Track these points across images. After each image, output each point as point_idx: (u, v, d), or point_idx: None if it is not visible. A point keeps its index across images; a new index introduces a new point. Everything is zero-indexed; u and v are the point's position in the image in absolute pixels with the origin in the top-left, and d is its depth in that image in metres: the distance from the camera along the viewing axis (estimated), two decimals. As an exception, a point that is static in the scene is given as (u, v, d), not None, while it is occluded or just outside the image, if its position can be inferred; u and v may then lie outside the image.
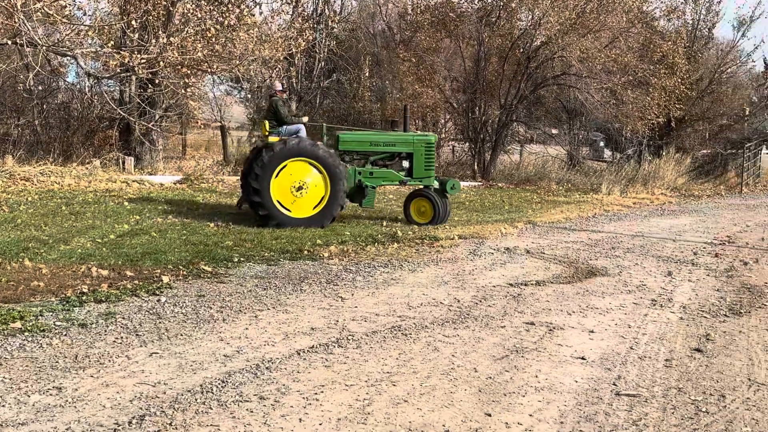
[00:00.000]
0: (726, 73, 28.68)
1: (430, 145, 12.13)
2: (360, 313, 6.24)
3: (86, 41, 15.87)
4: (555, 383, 4.65)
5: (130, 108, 17.95)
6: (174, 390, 4.29)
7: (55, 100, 20.98)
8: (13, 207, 11.28)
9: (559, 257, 9.34)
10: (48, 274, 7.02)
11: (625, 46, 21.51)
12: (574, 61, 20.27)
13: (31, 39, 13.39)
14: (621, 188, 20.27)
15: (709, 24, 28.20)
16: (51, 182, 14.78)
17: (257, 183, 10.76)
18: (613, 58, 20.61)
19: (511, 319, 6.19)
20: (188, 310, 6.05)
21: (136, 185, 15.49)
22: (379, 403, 4.22)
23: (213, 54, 15.36)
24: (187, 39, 14.86)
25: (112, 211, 11.51)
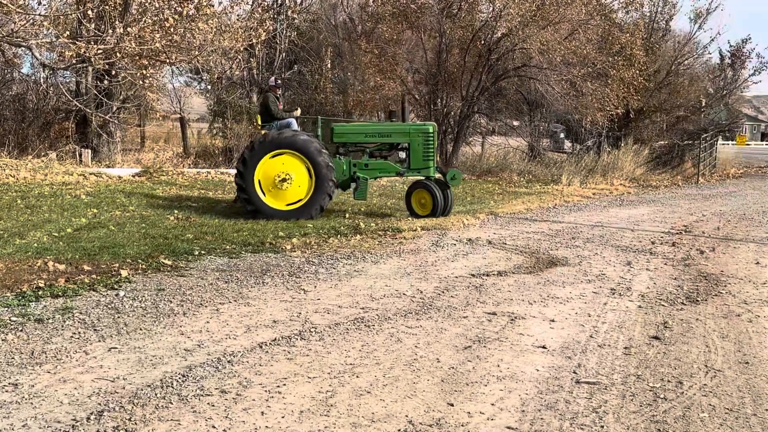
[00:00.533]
0: (683, 65, 29.16)
1: (429, 136, 11.84)
2: (323, 305, 6.22)
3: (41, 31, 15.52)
4: (516, 372, 4.69)
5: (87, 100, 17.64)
6: (133, 385, 4.24)
7: (10, 91, 20.56)
8: (-35, 201, 11.03)
9: (521, 248, 9.42)
10: (3, 269, 6.88)
11: (584, 38, 21.71)
12: (535, 53, 20.40)
13: (-17, 29, 13.05)
14: (581, 179, 20.51)
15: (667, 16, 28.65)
16: (6, 175, 14.47)
17: (243, 169, 11.02)
18: (573, 50, 20.80)
19: (474, 309, 6.23)
20: (148, 305, 5.97)
21: (94, 178, 15.24)
22: (341, 395, 4.21)
23: (171, 44, 15.14)
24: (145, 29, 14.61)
25: (69, 204, 11.31)
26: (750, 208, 15.04)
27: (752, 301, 6.80)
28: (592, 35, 22.13)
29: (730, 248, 9.84)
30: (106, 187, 13.78)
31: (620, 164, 23.23)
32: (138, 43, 14.37)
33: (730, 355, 5.16)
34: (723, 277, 7.87)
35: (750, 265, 8.66)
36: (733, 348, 5.34)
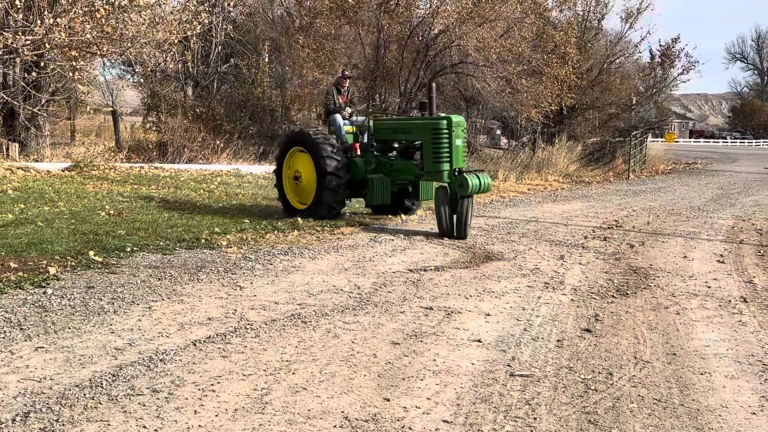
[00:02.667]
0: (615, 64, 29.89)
1: (438, 132, 10.03)
2: (259, 301, 6.15)
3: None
4: (452, 366, 4.72)
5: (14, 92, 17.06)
6: (61, 385, 4.11)
7: (-70, 82, 19.71)
8: None
9: (457, 243, 9.50)
10: None
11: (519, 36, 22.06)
12: (471, 50, 20.62)
13: None
14: (516, 175, 20.82)
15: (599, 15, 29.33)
16: (-74, 170, 13.89)
17: (277, 166, 11.44)
18: (508, 48, 21.10)
19: (411, 304, 6.25)
20: (77, 303, 5.81)
21: (21, 173, 14.75)
22: (277, 392, 4.17)
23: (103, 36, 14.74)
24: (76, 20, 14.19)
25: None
26: (678, 204, 15.51)
27: (680, 294, 7.01)
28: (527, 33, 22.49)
29: (659, 242, 10.12)
30: (34, 182, 13.35)
31: (554, 160, 23.68)
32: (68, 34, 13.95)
33: (658, 347, 5.31)
34: (652, 271, 8.09)
35: (678, 258, 8.93)
36: (661, 340, 5.49)
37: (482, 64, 21.22)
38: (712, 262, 8.80)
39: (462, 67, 22.21)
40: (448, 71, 22.78)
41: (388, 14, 21.78)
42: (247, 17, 26.15)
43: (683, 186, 20.85)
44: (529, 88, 22.06)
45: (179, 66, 23.35)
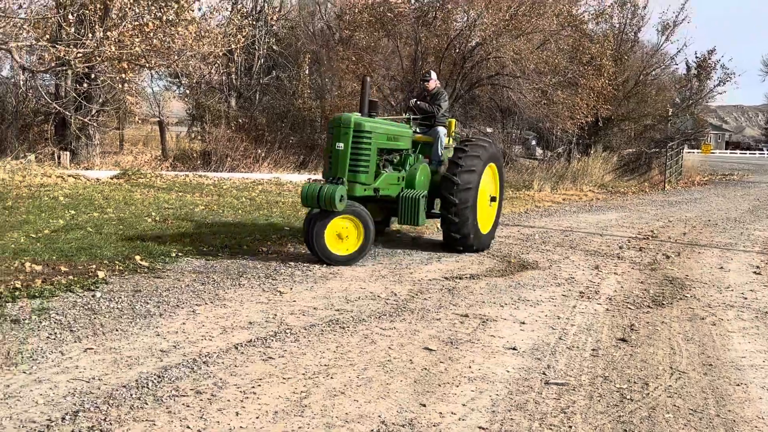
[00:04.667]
0: (651, 76, 29.50)
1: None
2: (298, 306, 6.18)
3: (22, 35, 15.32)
4: (488, 373, 4.69)
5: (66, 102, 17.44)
6: (109, 385, 4.17)
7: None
8: (-58, 202, 10.84)
9: (493, 251, 9.45)
10: (-21, 270, 6.76)
11: (555, 48, 21.91)
12: (508, 61, 20.54)
13: (-38, 31, 12.86)
14: (551, 185, 20.66)
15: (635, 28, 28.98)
16: (-17, 177, 14.25)
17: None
18: (545, 60, 20.97)
19: (446, 311, 6.23)
20: (124, 306, 5.90)
21: (72, 180, 15.06)
22: (316, 396, 4.18)
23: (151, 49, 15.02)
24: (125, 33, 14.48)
25: (47, 206, 11.16)
26: (714, 215, 15.23)
27: (716, 305, 6.88)
28: (563, 45, 22.34)
29: (695, 253, 9.95)
30: (84, 189, 13.62)
31: (590, 171, 23.45)
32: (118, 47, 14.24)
33: (694, 357, 5.21)
34: (688, 282, 7.95)
35: (714, 269, 8.77)
36: (697, 350, 5.40)
37: (518, 75, 21.12)
38: (749, 273, 8.62)
39: (498, 78, 22.13)
40: (484, 82, 22.71)
41: (425, 27, 21.81)
42: (289, 31, 26.40)
43: (719, 197, 20.47)
44: (564, 99, 21.88)
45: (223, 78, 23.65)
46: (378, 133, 8.43)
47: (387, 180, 8.72)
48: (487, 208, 9.62)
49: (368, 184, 8.36)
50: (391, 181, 8.81)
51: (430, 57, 22.45)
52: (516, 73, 21.02)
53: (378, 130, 8.44)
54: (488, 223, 9.66)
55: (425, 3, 22.42)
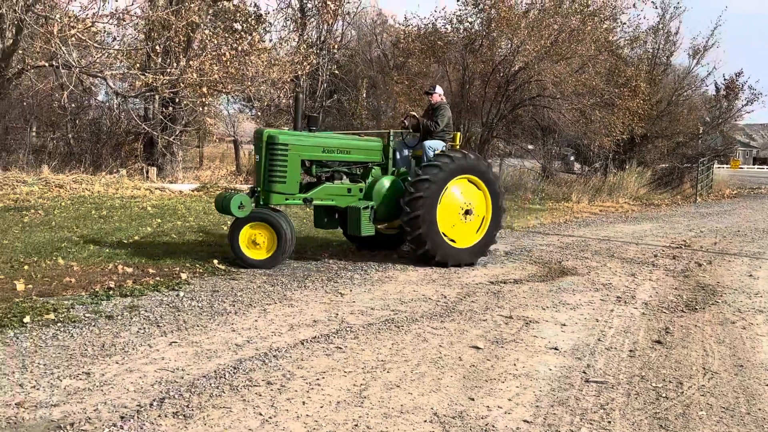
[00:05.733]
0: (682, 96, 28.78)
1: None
2: (357, 307, 6.20)
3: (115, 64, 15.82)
4: (531, 371, 4.62)
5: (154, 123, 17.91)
6: (191, 375, 4.25)
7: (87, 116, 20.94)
8: (48, 211, 11.22)
9: (535, 258, 9.32)
10: (79, 271, 6.97)
11: (593, 71, 21.57)
12: (548, 84, 20.30)
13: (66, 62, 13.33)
14: (589, 197, 20.30)
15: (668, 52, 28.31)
16: (82, 189, 14.71)
17: None
18: (583, 82, 20.66)
19: (492, 313, 6.17)
20: (204, 304, 6.00)
21: (158, 192, 15.44)
22: (374, 388, 4.19)
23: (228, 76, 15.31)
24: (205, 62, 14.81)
25: (137, 215, 11.46)
26: (743, 226, 14.73)
27: (746, 310, 6.65)
28: (600, 68, 21.98)
29: (726, 261, 9.64)
30: (168, 201, 13.95)
31: (625, 184, 22.96)
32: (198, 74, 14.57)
33: (725, 359, 5.05)
34: (719, 288, 7.71)
35: (743, 277, 8.48)
36: (728, 352, 5.22)
37: (558, 97, 20.85)
38: (779, 281, 8.31)
39: (539, 99, 21.88)
40: (526, 103, 22.48)
41: (472, 54, 21.72)
42: (349, 58, 26.62)
43: (748, 209, 19.80)
44: (601, 118, 21.50)
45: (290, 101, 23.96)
46: (302, 145, 8.09)
47: (327, 191, 8.30)
48: (460, 222, 8.50)
49: (287, 193, 8.03)
50: (337, 192, 8.35)
51: (477, 81, 22.36)
52: (556, 94, 20.76)
53: (302, 143, 8.10)
54: (466, 238, 8.55)
55: (472, 32, 22.34)
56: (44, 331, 4.95)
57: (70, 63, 13.43)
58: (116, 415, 3.62)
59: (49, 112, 20.27)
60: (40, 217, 10.51)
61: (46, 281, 6.46)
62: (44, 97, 19.80)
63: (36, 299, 5.74)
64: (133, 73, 14.56)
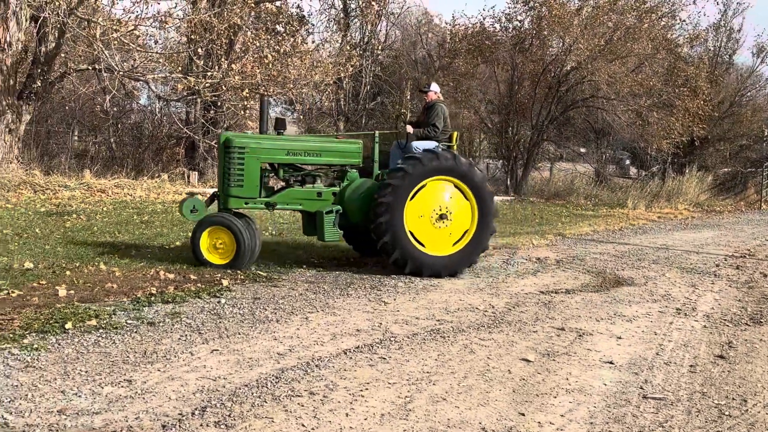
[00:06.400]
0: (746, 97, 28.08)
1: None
2: (401, 316, 6.20)
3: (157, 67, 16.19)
4: (585, 386, 4.55)
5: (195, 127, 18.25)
6: (232, 384, 4.31)
7: (129, 120, 21.44)
8: (90, 216, 11.52)
9: (588, 267, 9.19)
10: (120, 277, 7.13)
11: (650, 70, 21.22)
12: (602, 84, 20.04)
13: (108, 65, 13.71)
14: (646, 203, 19.92)
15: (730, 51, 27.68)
16: (124, 194, 15.06)
17: None
18: (639, 82, 20.34)
19: (543, 324, 6.10)
20: (245, 311, 6.08)
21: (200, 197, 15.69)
22: (419, 401, 4.18)
23: (269, 78, 15.53)
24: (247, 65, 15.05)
25: (179, 220, 11.67)
26: (814, 234, 14.27)
27: (818, 325, 6.42)
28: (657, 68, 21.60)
29: (795, 272, 9.34)
30: (209, 205, 14.16)
31: (684, 190, 22.46)
32: (240, 77, 14.81)
33: (795, 377, 4.88)
34: (788, 300, 7.47)
35: (815, 289, 8.20)
36: (798, 369, 5.05)
37: (613, 98, 20.57)
38: None
39: (593, 100, 21.61)
40: (579, 105, 22.24)
41: (522, 53, 21.58)
42: (393, 59, 26.70)
43: (820, 216, 19.16)
44: (659, 120, 21.11)
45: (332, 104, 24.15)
46: (260, 148, 8.06)
47: (293, 195, 8.26)
48: (432, 228, 8.00)
49: (246, 197, 8.08)
50: (305, 196, 8.25)
51: (526, 81, 22.21)
52: (611, 95, 20.48)
53: (261, 146, 8.08)
54: (442, 246, 8.07)
55: (522, 31, 22.20)
56: (86, 338, 5.07)
57: (113, 66, 13.81)
58: (158, 424, 3.69)
59: (91, 116, 20.82)
60: (82, 222, 10.79)
61: (87, 287, 6.63)
62: (86, 101, 20.36)
63: (78, 305, 5.89)
64: (176, 76, 14.88)
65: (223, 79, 14.69)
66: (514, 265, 9.11)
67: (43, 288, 6.44)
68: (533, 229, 13.18)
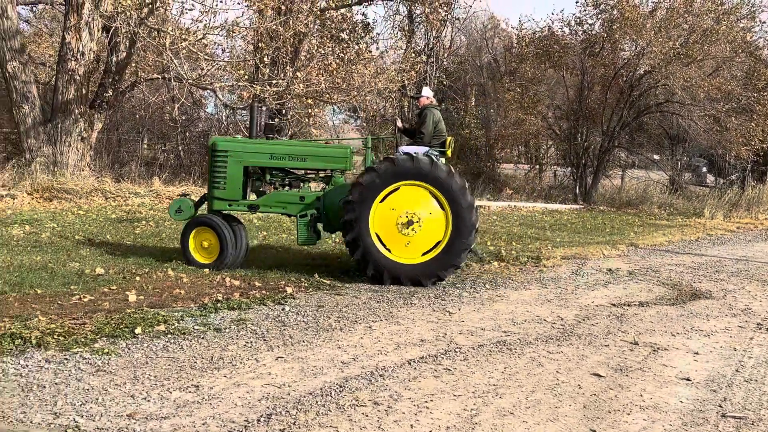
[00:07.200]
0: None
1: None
2: (466, 327, 6.16)
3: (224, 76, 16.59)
4: (660, 403, 4.42)
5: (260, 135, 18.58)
6: (297, 392, 4.36)
7: (196, 128, 22.01)
8: (158, 223, 11.86)
9: (663, 279, 8.93)
10: (188, 283, 7.32)
11: (728, 74, 20.53)
12: (678, 89, 19.51)
13: (177, 74, 14.13)
14: (724, 213, 19.25)
15: (817, 52, 26.45)
16: (191, 201, 15.43)
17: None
18: (717, 86, 19.70)
19: (615, 338, 5.96)
20: (309, 319, 6.15)
21: (264, 204, 15.97)
22: (486, 414, 4.13)
23: (334, 86, 15.72)
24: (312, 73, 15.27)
25: (243, 227, 11.89)
26: None
27: None
28: (737, 71, 20.89)
29: None
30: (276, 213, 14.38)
31: (765, 199, 21.62)
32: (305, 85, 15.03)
33: None
34: None
35: None
36: None
37: (689, 102, 20.00)
38: None
39: (667, 105, 21.06)
40: (652, 110, 21.70)
41: (592, 57, 21.23)
42: (458, 65, 26.64)
43: None
44: (738, 126, 20.39)
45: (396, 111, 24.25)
46: (244, 151, 8.32)
47: (277, 198, 8.40)
48: (397, 235, 7.79)
49: (229, 199, 8.31)
50: (288, 199, 8.36)
51: (596, 86, 21.82)
52: (686, 100, 19.93)
53: (244, 149, 8.34)
54: (409, 254, 7.82)
55: (592, 34, 21.84)
56: (155, 343, 5.22)
57: (182, 75, 14.22)
58: (224, 430, 3.76)
59: (160, 124, 21.49)
60: (151, 229, 11.12)
61: (156, 292, 6.83)
62: (156, 109, 21.03)
63: (147, 310, 6.07)
64: (242, 84, 15.21)
65: (288, 86, 14.95)
66: (584, 276, 8.93)
67: (114, 293, 6.66)
68: (604, 238, 12.90)
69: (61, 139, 14.84)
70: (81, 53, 14.48)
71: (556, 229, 14.17)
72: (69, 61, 14.49)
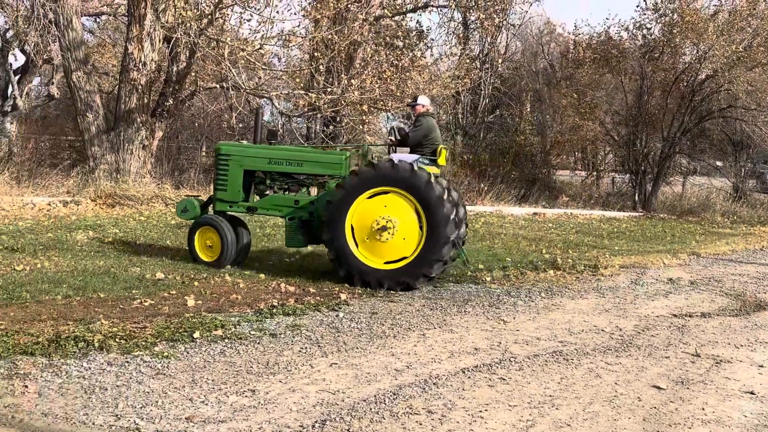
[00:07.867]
0: None
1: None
2: (521, 336, 6.09)
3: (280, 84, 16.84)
4: (722, 417, 4.29)
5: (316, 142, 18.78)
6: (351, 399, 4.38)
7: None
8: (216, 228, 12.06)
9: (726, 289, 8.67)
10: (244, 289, 7.43)
11: (795, 78, 19.85)
12: (741, 93, 18.94)
13: (235, 83, 14.41)
14: (791, 221, 18.58)
15: None
16: (247, 207, 15.67)
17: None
18: (783, 91, 19.07)
19: (676, 349, 5.81)
20: (363, 326, 6.17)
21: (319, 211, 16.11)
22: (542, 425, 4.08)
23: (388, 93, 15.78)
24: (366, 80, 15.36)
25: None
26: None
27: None
28: (804, 75, 20.18)
29: None
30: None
31: (835, 206, 20.79)
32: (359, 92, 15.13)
33: None
34: None
35: None
36: None
37: (754, 108, 19.41)
38: None
39: (730, 111, 20.48)
40: (715, 115, 21.13)
41: (652, 62, 20.80)
42: (513, 71, 26.43)
43: None
44: (806, 131, 19.69)
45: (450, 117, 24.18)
46: (244, 156, 8.67)
47: (273, 201, 8.69)
48: (372, 238, 7.78)
49: (230, 201, 8.68)
50: (283, 203, 8.62)
51: (656, 91, 21.37)
52: (751, 105, 19.34)
53: (244, 154, 8.70)
54: (380, 258, 7.81)
55: (651, 39, 21.41)
56: (212, 347, 5.32)
57: (239, 84, 14.50)
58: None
59: (218, 132, 21.92)
60: (209, 235, 11.32)
61: (214, 297, 6.95)
62: (214, 117, 21.47)
63: (205, 315, 6.19)
64: (297, 92, 15.42)
65: (343, 94, 15.07)
66: (644, 286, 8.73)
67: (173, 298, 6.82)
68: (664, 247, 12.59)
69: (124, 147, 15.28)
70: (143, 63, 14.89)
71: (614, 237, 13.90)
72: (131, 71, 14.92)
